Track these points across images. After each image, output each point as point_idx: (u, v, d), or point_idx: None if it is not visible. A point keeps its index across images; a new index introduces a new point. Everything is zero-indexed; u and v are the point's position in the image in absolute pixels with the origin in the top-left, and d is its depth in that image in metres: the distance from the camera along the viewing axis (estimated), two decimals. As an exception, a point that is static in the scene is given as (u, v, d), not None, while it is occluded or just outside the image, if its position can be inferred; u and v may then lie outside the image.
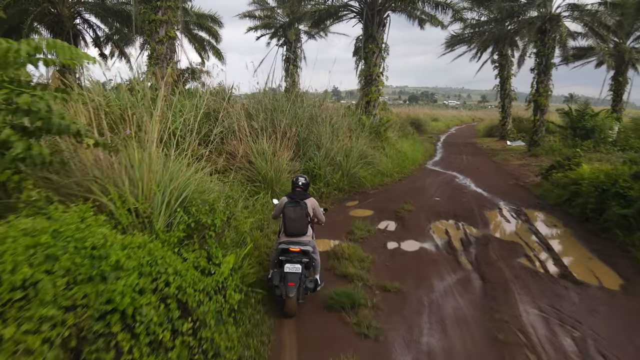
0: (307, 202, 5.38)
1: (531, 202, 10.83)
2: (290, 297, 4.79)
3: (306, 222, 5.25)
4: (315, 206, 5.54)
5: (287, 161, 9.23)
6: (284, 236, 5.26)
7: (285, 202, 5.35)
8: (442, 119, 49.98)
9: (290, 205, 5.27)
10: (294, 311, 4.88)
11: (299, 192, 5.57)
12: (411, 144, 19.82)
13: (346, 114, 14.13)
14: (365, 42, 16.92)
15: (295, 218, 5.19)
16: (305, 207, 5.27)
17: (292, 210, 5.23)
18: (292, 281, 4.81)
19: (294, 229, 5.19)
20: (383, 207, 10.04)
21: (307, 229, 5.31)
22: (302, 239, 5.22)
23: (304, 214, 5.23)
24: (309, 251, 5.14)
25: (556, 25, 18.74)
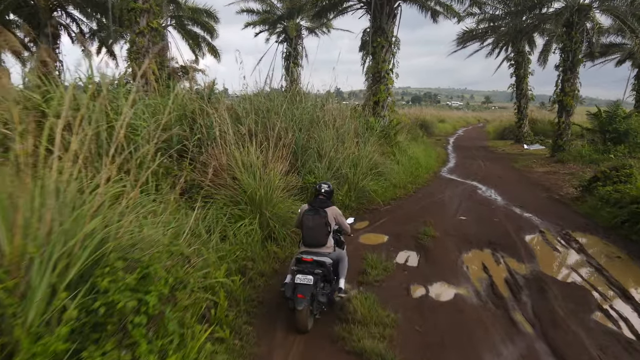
0: (328, 210, 4.94)
1: (576, 222, 8.97)
2: (299, 310, 4.36)
3: (325, 232, 4.84)
4: (337, 215, 5.11)
5: (281, 175, 7.40)
6: (303, 246, 4.94)
7: (305, 210, 4.99)
8: (448, 121, 48.08)
9: (309, 213, 4.90)
10: (304, 326, 4.47)
11: (320, 199, 5.15)
12: (423, 149, 17.97)
13: (352, 116, 12.30)
14: (374, 35, 15.09)
15: (313, 227, 4.83)
16: (325, 216, 4.85)
17: (310, 218, 4.86)
18: (301, 293, 4.39)
19: (312, 238, 4.85)
20: (399, 230, 8.20)
21: (327, 240, 4.88)
22: (321, 249, 4.84)
23: (323, 223, 4.82)
24: (325, 262, 4.71)
25: (584, 17, 16.87)
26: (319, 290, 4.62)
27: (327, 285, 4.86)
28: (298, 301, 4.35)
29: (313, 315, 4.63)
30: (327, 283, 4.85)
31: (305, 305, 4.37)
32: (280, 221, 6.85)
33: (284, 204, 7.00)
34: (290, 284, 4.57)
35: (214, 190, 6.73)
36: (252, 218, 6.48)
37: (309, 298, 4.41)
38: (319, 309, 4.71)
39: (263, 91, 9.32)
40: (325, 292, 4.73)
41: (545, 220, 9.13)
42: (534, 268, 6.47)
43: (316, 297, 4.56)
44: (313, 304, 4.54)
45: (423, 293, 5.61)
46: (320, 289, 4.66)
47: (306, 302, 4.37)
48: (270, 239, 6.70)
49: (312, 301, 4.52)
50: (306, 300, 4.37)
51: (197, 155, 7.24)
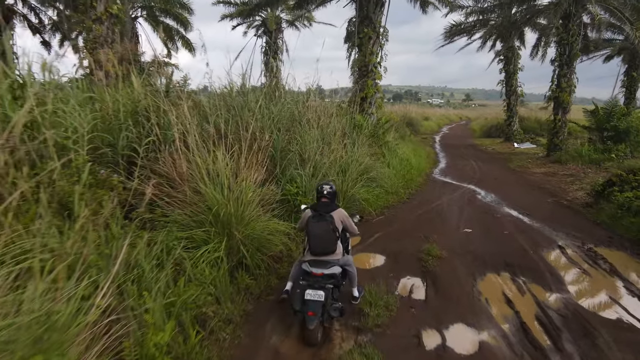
0: (334, 214, 4.62)
1: (596, 235, 7.84)
2: (310, 329, 4.10)
3: (334, 239, 4.53)
4: (343, 218, 4.77)
5: (256, 186, 6.04)
6: (309, 255, 4.59)
7: (309, 217, 4.64)
8: (432, 118, 47.22)
9: (314, 219, 4.56)
10: (315, 341, 4.18)
11: (324, 203, 4.78)
12: (412, 149, 16.78)
13: (338, 113, 10.99)
14: (360, 25, 13.79)
15: (320, 235, 4.49)
16: (331, 222, 4.52)
17: (316, 225, 4.51)
18: (312, 310, 4.13)
19: (319, 247, 4.53)
20: (397, 248, 6.94)
21: (335, 246, 4.57)
22: (330, 257, 4.56)
23: (330, 229, 4.49)
24: (335, 274, 4.49)
25: (582, 8, 15.89)
26: (329, 302, 4.32)
27: (336, 290, 4.58)
28: (309, 320, 4.11)
29: (323, 327, 4.37)
30: (336, 288, 4.58)
31: (316, 322, 4.14)
32: (255, 244, 5.50)
33: (259, 222, 5.64)
34: (298, 296, 4.28)
35: (171, 208, 5.34)
36: (218, 242, 5.11)
37: (320, 315, 4.19)
38: (330, 319, 4.42)
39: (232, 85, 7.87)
40: (337, 307, 4.32)
41: (561, 232, 7.99)
42: (567, 299, 5.27)
43: (328, 312, 4.29)
44: (323, 315, 4.28)
45: (439, 342, 4.32)
46: (330, 300, 4.36)
47: (317, 320, 4.15)
48: (241, 267, 5.35)
49: (323, 314, 4.27)
50: (317, 318, 4.15)
51: (153, 162, 5.84)
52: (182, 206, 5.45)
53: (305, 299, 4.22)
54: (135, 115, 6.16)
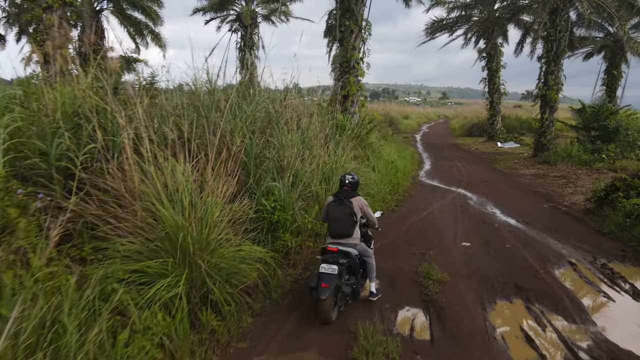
0: (353, 200, 4.83)
1: (606, 247, 7.11)
2: (322, 300, 4.25)
3: (351, 223, 4.73)
4: (362, 205, 4.94)
5: (225, 202, 5.03)
6: (329, 238, 4.84)
7: (330, 202, 4.91)
8: (412, 117, 46.71)
9: (334, 204, 4.81)
10: (327, 317, 4.36)
11: (345, 190, 4.99)
12: (396, 150, 15.94)
13: (319, 113, 10.06)
14: (341, 18, 12.85)
15: (338, 217, 4.73)
16: (350, 206, 4.73)
17: (335, 209, 4.76)
18: (325, 282, 4.28)
19: (337, 229, 4.75)
20: (391, 268, 6.04)
21: (353, 231, 4.76)
22: (347, 240, 4.75)
23: (348, 214, 4.70)
24: (351, 253, 4.70)
25: (569, 3, 15.32)
26: (343, 281, 4.56)
27: (352, 277, 4.78)
28: (321, 290, 4.24)
29: (337, 306, 4.57)
30: (352, 275, 4.78)
31: (329, 294, 4.27)
32: (223, 275, 4.50)
33: (229, 247, 4.64)
34: (315, 274, 4.46)
35: (117, 233, 4.30)
36: (177, 275, 4.10)
37: (333, 288, 4.32)
38: (343, 301, 4.65)
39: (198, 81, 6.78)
40: (350, 283, 4.66)
41: (567, 244, 7.24)
42: (596, 334, 4.44)
43: (341, 288, 4.51)
44: (337, 294, 4.50)
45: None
46: (345, 280, 4.60)
47: (329, 292, 4.27)
48: (206, 304, 4.34)
49: (337, 292, 4.48)
50: (329, 290, 4.27)
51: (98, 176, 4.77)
52: (133, 230, 4.40)
53: (320, 272, 4.38)
54: (76, 118, 5.07)
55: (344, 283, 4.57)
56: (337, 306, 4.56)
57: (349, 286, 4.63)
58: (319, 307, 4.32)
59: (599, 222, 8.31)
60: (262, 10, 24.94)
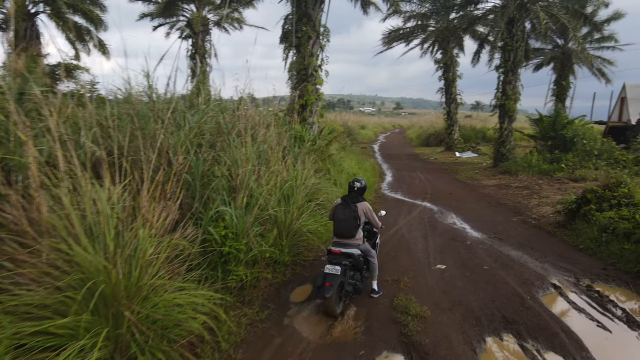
0: (359, 205, 5.18)
1: (586, 265, 6.68)
2: (327, 298, 4.63)
3: (354, 225, 5.10)
4: (366, 210, 5.27)
5: (163, 234, 4.09)
6: (335, 237, 5.23)
7: (338, 204, 5.25)
8: (368, 127, 46.71)
9: (341, 206, 5.17)
10: (333, 312, 4.74)
11: (352, 195, 5.32)
12: (356, 162, 15.34)
13: (277, 123, 9.25)
14: (298, 23, 12.11)
15: (343, 219, 5.10)
16: (355, 210, 5.10)
17: (341, 211, 5.13)
18: (328, 282, 4.67)
19: (341, 229, 5.12)
20: (363, 301, 5.26)
21: (356, 232, 5.14)
22: (350, 241, 5.14)
23: (352, 217, 5.07)
24: (353, 254, 5.04)
25: (525, 13, 15.35)
26: (347, 278, 4.99)
27: (356, 273, 5.22)
28: (326, 290, 4.61)
29: (342, 301, 4.94)
30: (356, 271, 5.20)
31: (333, 292, 4.60)
32: (158, 329, 3.56)
33: (166, 294, 3.70)
34: (320, 273, 4.87)
35: (15, 281, 3.28)
36: (95, 334, 3.14)
37: (337, 286, 4.68)
38: (348, 296, 5.05)
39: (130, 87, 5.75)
40: (352, 282, 5.09)
41: (545, 263, 6.76)
42: (603, 379, 3.83)
43: (344, 285, 4.94)
44: (342, 291, 4.91)
45: None
46: (348, 278, 5.03)
47: (333, 290, 4.61)
48: (136, 369, 3.38)
49: (341, 288, 4.89)
50: (333, 289, 4.61)
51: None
52: (37, 277, 3.39)
53: (324, 273, 4.76)
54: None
55: (347, 281, 5.00)
56: (342, 301, 4.95)
57: (352, 285, 5.08)
58: (325, 304, 4.74)
59: (573, 236, 7.93)
60: (214, 17, 23.91)
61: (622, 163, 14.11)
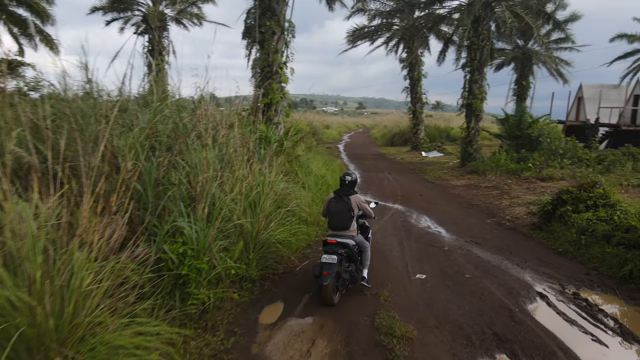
0: (352, 198, 5.40)
1: (568, 270, 6.44)
2: (324, 285, 4.79)
3: (348, 217, 5.29)
4: (359, 202, 5.49)
5: (109, 254, 3.41)
6: (330, 230, 5.42)
7: (331, 198, 5.47)
8: (332, 126, 46.40)
9: (334, 200, 5.38)
10: (330, 300, 4.93)
11: (344, 188, 5.55)
12: (323, 162, 14.82)
13: (240, 123, 8.61)
14: (261, 18, 11.46)
15: (337, 212, 5.30)
16: (348, 202, 5.30)
17: (335, 204, 5.34)
18: (326, 270, 4.82)
19: (336, 222, 5.32)
20: (342, 320, 4.73)
21: (350, 224, 5.33)
22: (344, 232, 5.31)
23: (346, 209, 5.27)
24: (348, 244, 5.20)
25: (491, 12, 15.30)
26: (343, 268, 5.11)
27: (351, 264, 5.32)
28: (323, 278, 4.77)
29: (339, 290, 5.13)
30: (351, 262, 5.32)
31: (330, 281, 4.78)
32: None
33: (108, 333, 3.02)
34: (318, 263, 4.94)
35: None
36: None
37: (334, 275, 4.84)
38: (344, 286, 5.18)
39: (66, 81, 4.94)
40: (349, 270, 5.22)
41: (527, 269, 6.46)
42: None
43: (341, 275, 5.07)
44: (338, 280, 5.06)
45: None
46: (344, 267, 5.16)
47: (330, 278, 4.77)
48: None
49: (338, 278, 5.04)
50: (330, 277, 4.77)
51: None
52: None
53: (322, 262, 4.87)
54: None
55: (344, 270, 5.12)
56: (339, 290, 5.11)
57: (348, 272, 5.18)
58: (323, 292, 4.87)
59: (551, 239, 7.70)
60: (172, 12, 22.82)
61: (586, 162, 14.28)
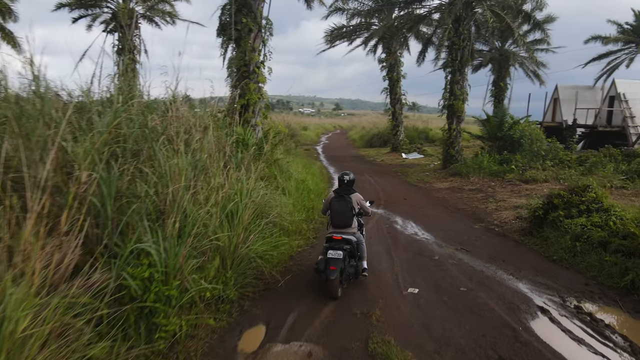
0: (352, 197, 5.63)
1: (566, 280, 6.10)
2: (331, 280, 5.03)
3: (351, 215, 5.56)
4: (359, 200, 5.78)
5: (57, 284, 2.82)
6: (332, 228, 5.68)
7: (332, 197, 5.69)
8: (310, 127, 45.95)
9: (336, 199, 5.60)
10: (335, 294, 5.17)
11: (344, 187, 5.75)
12: (303, 166, 14.31)
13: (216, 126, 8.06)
14: (237, 14, 10.88)
15: (340, 211, 5.54)
16: (350, 201, 5.54)
17: (337, 204, 5.57)
18: (333, 265, 5.06)
19: (339, 220, 5.56)
20: (330, 347, 4.22)
21: (352, 222, 5.61)
22: (347, 230, 5.57)
23: (349, 208, 5.53)
24: (351, 240, 5.47)
25: (471, 11, 15.08)
26: (346, 264, 5.34)
27: (352, 260, 5.53)
28: (330, 272, 5.04)
29: (342, 285, 5.36)
30: (352, 258, 5.53)
31: (336, 275, 5.04)
32: None
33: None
34: (323, 259, 5.23)
35: None
36: None
37: (339, 269, 5.09)
38: (348, 280, 5.47)
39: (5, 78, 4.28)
40: (352, 265, 5.46)
41: (523, 279, 6.10)
42: None
43: (345, 269, 5.30)
44: (342, 274, 5.26)
45: None
46: (348, 262, 5.38)
47: (337, 273, 5.04)
48: None
49: (342, 273, 5.22)
50: (337, 271, 5.04)
51: None
52: None
53: (328, 257, 5.17)
54: None
55: (348, 265, 5.34)
56: (342, 285, 5.33)
57: (352, 267, 5.43)
58: (329, 286, 5.11)
59: (544, 246, 7.38)
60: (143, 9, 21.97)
61: (567, 163, 14.19)
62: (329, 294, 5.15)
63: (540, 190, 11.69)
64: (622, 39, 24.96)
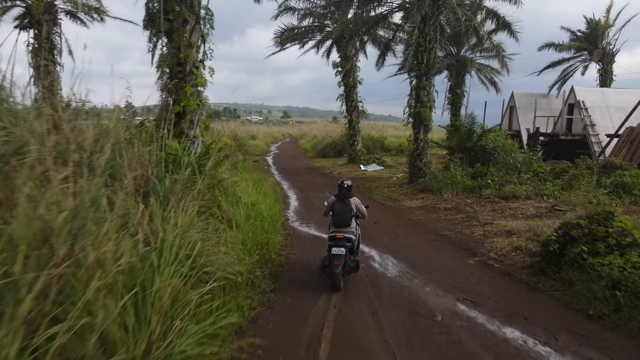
0: (351, 200, 6.31)
1: (619, 349, 4.48)
2: (336, 273, 5.76)
3: (351, 216, 6.22)
4: (357, 204, 6.41)
5: None
6: (333, 227, 6.29)
7: (334, 201, 6.35)
8: (259, 136, 43.71)
9: (338, 202, 6.29)
10: (339, 286, 5.87)
11: (344, 192, 6.43)
12: (253, 184, 12.22)
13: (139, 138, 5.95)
14: (169, 1, 8.72)
15: (341, 212, 6.21)
16: (349, 204, 6.23)
17: (338, 206, 6.25)
18: (337, 260, 5.76)
19: (341, 221, 6.20)
20: None
21: (352, 222, 6.24)
22: (347, 229, 6.16)
23: (349, 210, 6.20)
24: (352, 238, 6.08)
25: (437, 10, 13.70)
26: (347, 259, 5.94)
27: (352, 255, 6.14)
28: (335, 267, 5.74)
29: (344, 278, 6.00)
30: (352, 254, 6.13)
31: (340, 269, 5.76)
32: None
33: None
34: (327, 255, 5.94)
35: None
36: None
37: (342, 264, 5.77)
38: (348, 274, 6.12)
39: None
40: (353, 260, 6.12)
41: (566, 352, 4.43)
42: None
43: (347, 264, 5.92)
44: (344, 268, 5.86)
45: None
46: (348, 258, 5.97)
47: (340, 268, 5.76)
48: None
49: (344, 267, 5.84)
50: (340, 266, 5.75)
51: None
52: None
53: (332, 254, 5.82)
54: None
55: (349, 260, 5.99)
56: (344, 278, 6.00)
57: (353, 262, 6.11)
58: (333, 280, 5.85)
59: (568, 294, 5.75)
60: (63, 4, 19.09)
61: (542, 176, 13.06)
62: (333, 287, 5.85)
63: (526, 208, 10.33)
64: (575, 46, 24.87)
